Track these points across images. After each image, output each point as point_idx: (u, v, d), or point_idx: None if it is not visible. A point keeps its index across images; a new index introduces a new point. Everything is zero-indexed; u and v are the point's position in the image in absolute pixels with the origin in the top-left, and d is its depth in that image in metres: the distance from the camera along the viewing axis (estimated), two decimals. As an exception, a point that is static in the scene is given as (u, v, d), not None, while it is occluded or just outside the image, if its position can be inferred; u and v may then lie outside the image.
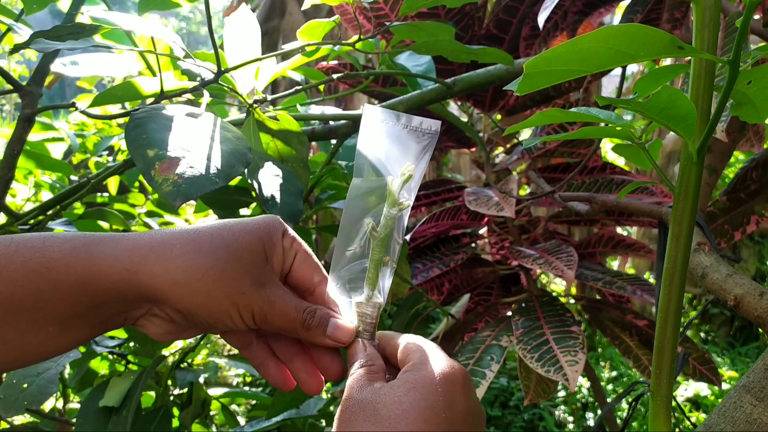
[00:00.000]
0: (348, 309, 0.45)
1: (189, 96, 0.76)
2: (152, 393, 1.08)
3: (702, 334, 3.17)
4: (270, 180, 0.66)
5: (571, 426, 2.19)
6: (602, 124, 0.52)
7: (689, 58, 0.48)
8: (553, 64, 0.37)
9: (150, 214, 1.84)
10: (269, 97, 0.74)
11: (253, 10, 3.71)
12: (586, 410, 2.23)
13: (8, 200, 1.90)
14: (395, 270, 0.46)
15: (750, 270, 2.82)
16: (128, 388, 0.92)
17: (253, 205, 1.11)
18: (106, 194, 1.90)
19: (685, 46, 0.38)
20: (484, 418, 0.42)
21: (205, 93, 0.70)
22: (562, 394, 2.38)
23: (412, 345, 0.42)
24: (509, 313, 1.14)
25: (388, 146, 0.44)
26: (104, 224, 1.48)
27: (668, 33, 0.37)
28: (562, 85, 1.18)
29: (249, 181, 0.65)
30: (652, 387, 0.53)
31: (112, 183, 1.86)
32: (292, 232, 0.44)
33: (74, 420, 1.13)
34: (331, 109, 1.02)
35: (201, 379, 1.46)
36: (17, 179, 1.87)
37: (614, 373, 2.57)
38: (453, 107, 1.87)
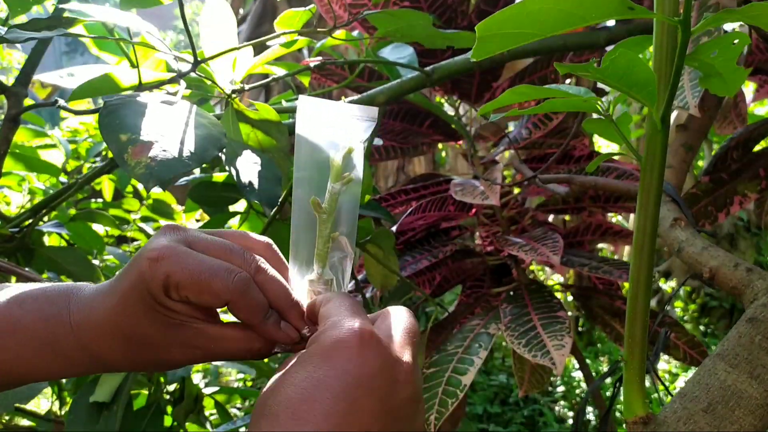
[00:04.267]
0: (303, 288, 0.45)
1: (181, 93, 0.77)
2: (146, 391, 1.09)
3: (701, 327, 3.17)
4: (248, 167, 0.67)
5: (570, 421, 2.19)
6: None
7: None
8: (505, 27, 0.38)
9: (145, 219, 1.85)
10: (244, 89, 0.74)
11: (245, 17, 3.73)
12: (586, 405, 2.22)
13: (3, 208, 1.91)
14: (385, 261, 0.46)
15: (748, 261, 2.81)
16: (119, 384, 0.92)
17: (242, 201, 1.12)
18: (101, 200, 1.91)
19: (635, 7, 0.38)
20: (406, 381, 0.36)
21: (182, 83, 0.70)
22: (561, 389, 2.38)
23: (322, 309, 0.39)
24: (500, 304, 1.15)
25: (328, 133, 0.44)
26: (96, 227, 1.49)
27: (619, -5, 0.38)
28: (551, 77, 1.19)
29: (227, 168, 0.66)
30: (626, 356, 0.53)
31: (107, 188, 1.87)
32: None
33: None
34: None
35: (200, 380, 1.46)
36: (12, 187, 1.88)
37: (616, 368, 2.56)
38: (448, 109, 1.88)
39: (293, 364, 0.35)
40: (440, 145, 3.76)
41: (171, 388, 1.13)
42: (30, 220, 1.14)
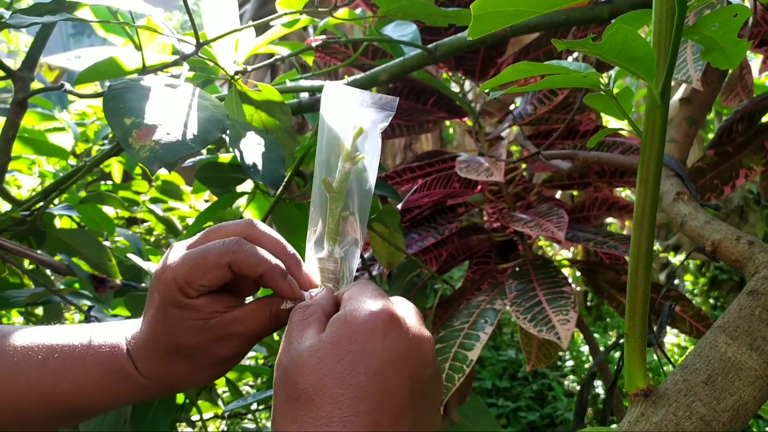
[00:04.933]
0: (314, 266, 0.46)
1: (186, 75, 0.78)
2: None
3: (711, 300, 3.17)
4: (252, 148, 0.67)
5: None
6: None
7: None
8: (501, 4, 0.38)
9: (154, 200, 1.86)
10: (247, 71, 0.75)
11: (250, -4, 3.70)
12: (594, 379, 2.24)
13: (14, 191, 1.93)
14: (390, 238, 0.47)
15: (758, 234, 2.81)
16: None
17: (249, 181, 1.13)
18: (110, 182, 1.92)
19: (631, -17, 0.38)
20: (430, 359, 0.37)
21: (185, 65, 0.71)
22: (570, 363, 2.40)
23: (346, 294, 0.41)
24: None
25: (345, 119, 0.45)
26: (107, 209, 1.51)
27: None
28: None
29: (231, 149, 0.66)
30: (626, 329, 0.54)
31: (116, 171, 1.89)
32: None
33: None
34: (319, 83, 1.02)
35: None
36: (22, 170, 1.90)
37: (621, 341, 2.57)
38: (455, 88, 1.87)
39: (320, 345, 0.36)
40: (447, 123, 3.75)
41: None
42: (41, 204, 1.15)
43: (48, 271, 1.30)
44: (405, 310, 0.39)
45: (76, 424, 0.50)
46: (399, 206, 1.10)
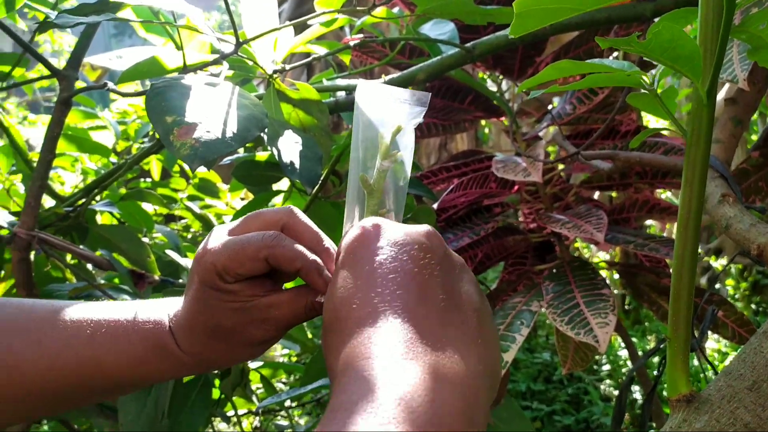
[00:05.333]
0: None
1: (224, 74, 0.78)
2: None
3: (753, 306, 3.09)
4: (289, 147, 0.68)
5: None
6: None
7: None
8: (543, 2, 0.37)
9: (191, 198, 1.89)
10: (285, 69, 0.75)
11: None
12: (632, 384, 2.20)
13: (57, 188, 1.97)
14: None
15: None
16: (169, 358, 0.95)
17: (285, 180, 1.13)
18: (149, 180, 1.96)
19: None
20: (421, 247, 0.37)
21: (225, 64, 0.71)
22: (607, 368, 2.36)
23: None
24: (543, 281, 1.14)
25: (381, 116, 0.46)
26: (146, 206, 1.53)
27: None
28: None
29: (269, 148, 0.67)
30: (669, 334, 0.53)
31: (155, 169, 1.91)
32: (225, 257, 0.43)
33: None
34: (356, 82, 1.02)
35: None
36: (66, 168, 1.94)
37: (661, 346, 2.52)
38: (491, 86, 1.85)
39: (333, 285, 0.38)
40: (483, 122, 3.73)
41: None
42: (83, 200, 1.18)
43: (89, 266, 1.33)
44: (387, 221, 0.41)
45: (121, 395, 0.53)
46: (434, 206, 1.10)
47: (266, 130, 0.69)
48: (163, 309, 0.47)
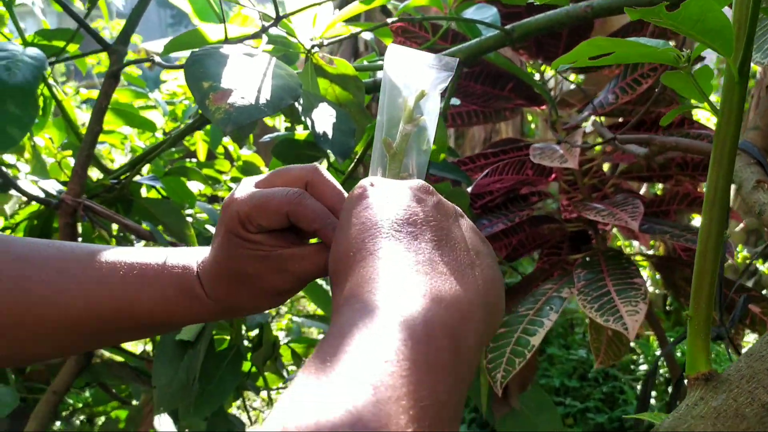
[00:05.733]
0: None
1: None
2: (228, 336, 1.15)
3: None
4: (323, 118, 0.69)
5: (653, 401, 2.13)
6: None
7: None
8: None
9: (234, 179, 1.92)
10: (323, 44, 0.77)
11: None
12: (669, 385, 2.16)
13: (108, 165, 2.04)
14: None
15: None
16: (202, 326, 0.98)
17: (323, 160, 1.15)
18: (195, 160, 2.00)
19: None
20: (406, 199, 0.39)
21: (264, 37, 0.73)
22: (644, 368, 2.32)
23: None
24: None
25: (409, 80, 0.46)
26: (191, 185, 1.57)
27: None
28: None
29: (303, 118, 0.68)
30: (691, 313, 0.52)
31: (201, 149, 1.96)
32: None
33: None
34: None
35: (284, 338, 1.52)
36: (115, 145, 2.00)
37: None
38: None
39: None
40: (529, 117, 3.69)
41: (251, 335, 1.18)
42: (128, 173, 1.22)
43: (133, 239, 1.37)
44: (380, 179, 0.43)
45: (150, 336, 0.55)
46: (469, 189, 1.10)
47: (302, 102, 0.70)
48: (192, 256, 0.49)
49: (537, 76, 1.31)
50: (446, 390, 0.29)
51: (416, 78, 0.46)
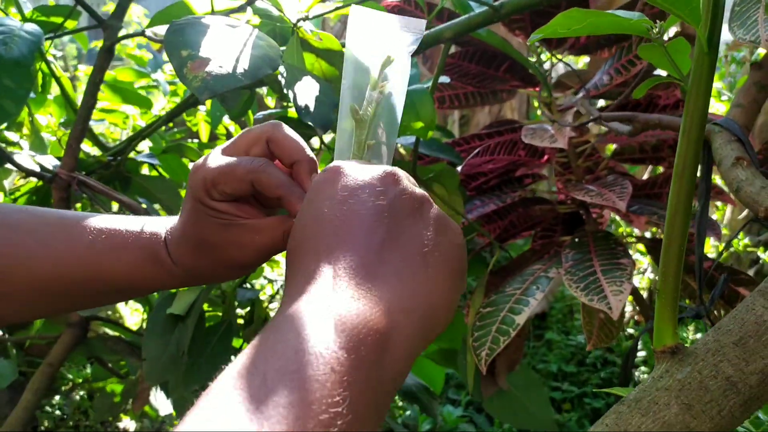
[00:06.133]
0: None
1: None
2: (220, 312, 1.16)
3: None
4: (306, 91, 0.70)
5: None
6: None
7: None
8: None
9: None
10: (308, 18, 0.77)
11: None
12: (637, 346, 2.15)
13: (110, 143, 2.05)
14: (449, 201, 0.47)
15: None
16: (193, 300, 0.99)
17: (315, 139, 1.15)
18: (197, 141, 2.01)
19: None
20: (377, 187, 0.39)
21: (249, 10, 0.73)
22: (642, 354, 2.32)
23: None
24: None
25: (375, 44, 0.46)
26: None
27: None
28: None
29: (285, 91, 0.68)
30: (659, 287, 0.52)
31: (203, 130, 1.97)
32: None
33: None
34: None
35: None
36: (117, 124, 2.01)
37: (698, 335, 2.45)
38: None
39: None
40: (535, 104, 3.66)
41: (243, 313, 1.19)
42: (125, 150, 1.23)
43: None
44: (348, 163, 0.42)
45: (119, 301, 0.57)
46: (459, 168, 1.10)
47: (285, 75, 0.70)
48: (162, 224, 0.50)
49: (534, 58, 1.30)
50: (365, 402, 0.29)
51: (383, 42, 0.46)
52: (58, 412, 1.68)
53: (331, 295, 0.33)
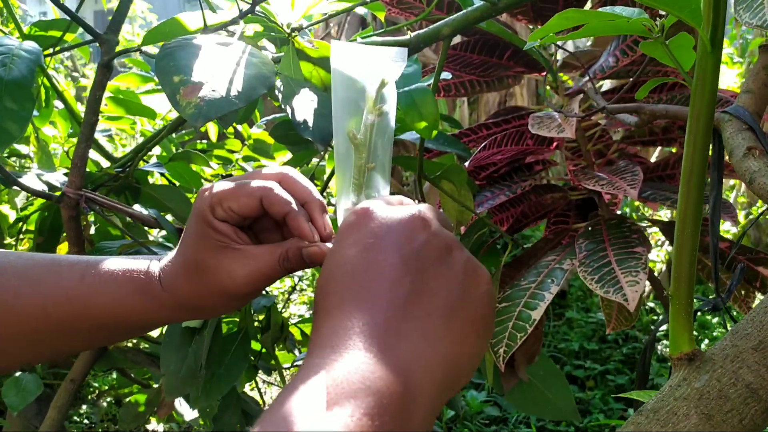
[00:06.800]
0: (341, 216, 0.47)
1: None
2: (237, 319, 1.17)
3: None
4: (304, 105, 0.69)
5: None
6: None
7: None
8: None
9: (246, 158, 1.93)
10: (302, 27, 0.75)
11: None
12: (655, 337, 2.13)
13: (119, 152, 2.05)
14: (458, 197, 0.47)
15: None
16: (207, 312, 0.99)
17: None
18: (206, 141, 2.01)
19: None
20: (407, 233, 0.39)
21: (242, 23, 0.72)
22: (664, 327, 2.30)
23: None
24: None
25: (362, 73, 0.46)
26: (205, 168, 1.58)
27: None
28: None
29: (282, 106, 0.67)
30: (672, 291, 0.51)
31: (212, 130, 1.96)
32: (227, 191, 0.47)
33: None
34: (390, 39, 1.02)
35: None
36: (126, 131, 2.01)
37: (715, 319, 2.42)
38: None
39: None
40: (548, 89, 3.62)
41: (260, 318, 1.20)
42: (132, 161, 1.22)
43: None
44: (376, 205, 0.41)
45: (113, 341, 0.61)
46: (467, 164, 1.09)
47: (282, 89, 0.69)
48: (157, 260, 0.50)
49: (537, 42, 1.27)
50: None
51: (371, 70, 0.45)
52: (86, 421, 1.71)
53: (355, 356, 0.32)
